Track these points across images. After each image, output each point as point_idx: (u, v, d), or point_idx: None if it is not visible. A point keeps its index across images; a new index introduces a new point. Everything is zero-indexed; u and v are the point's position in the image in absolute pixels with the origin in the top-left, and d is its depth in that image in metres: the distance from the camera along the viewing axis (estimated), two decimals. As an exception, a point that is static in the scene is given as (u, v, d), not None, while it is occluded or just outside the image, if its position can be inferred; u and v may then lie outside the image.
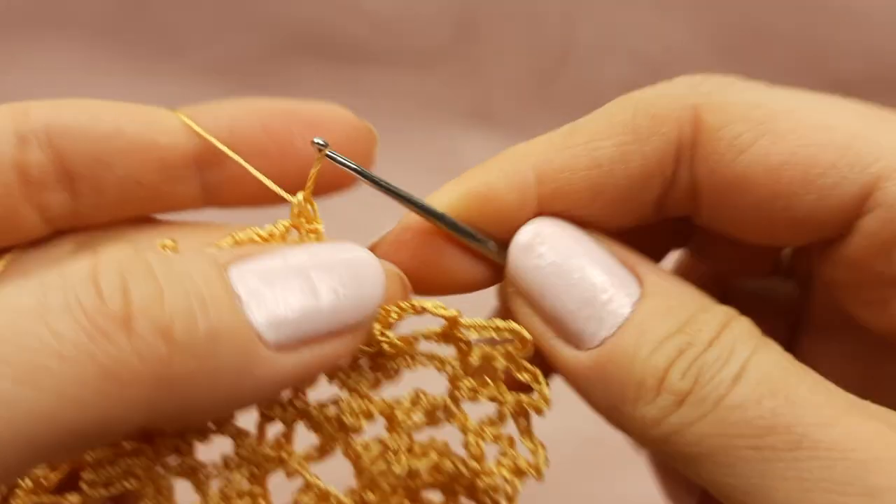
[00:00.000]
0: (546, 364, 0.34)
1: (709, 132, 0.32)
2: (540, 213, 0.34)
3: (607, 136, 0.33)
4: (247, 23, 0.93)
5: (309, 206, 0.34)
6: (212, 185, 0.38)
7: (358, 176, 0.34)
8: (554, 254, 0.33)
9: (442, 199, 0.34)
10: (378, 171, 0.37)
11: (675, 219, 0.36)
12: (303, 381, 0.31)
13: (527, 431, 0.35)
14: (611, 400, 0.31)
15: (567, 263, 0.33)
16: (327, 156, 0.33)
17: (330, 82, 0.94)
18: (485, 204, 0.34)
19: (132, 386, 0.25)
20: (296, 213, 0.34)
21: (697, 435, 0.29)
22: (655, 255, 0.39)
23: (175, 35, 0.92)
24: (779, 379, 0.30)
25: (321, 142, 0.33)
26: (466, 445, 0.35)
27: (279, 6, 0.92)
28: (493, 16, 0.92)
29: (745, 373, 0.30)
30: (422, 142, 0.91)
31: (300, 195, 0.34)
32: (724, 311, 0.32)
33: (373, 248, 0.35)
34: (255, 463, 0.34)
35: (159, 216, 0.39)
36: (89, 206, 0.37)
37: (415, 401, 0.35)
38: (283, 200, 0.36)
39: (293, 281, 0.29)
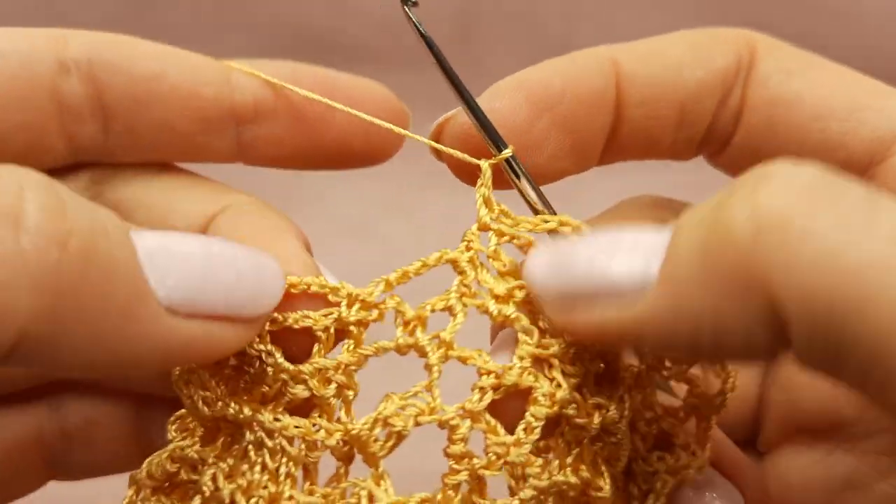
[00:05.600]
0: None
1: (764, 57, 0.35)
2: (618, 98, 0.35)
3: (679, 42, 0.36)
4: (247, 23, 0.93)
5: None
6: (246, 142, 0.37)
7: (425, 45, 0.35)
8: (566, 244, 0.30)
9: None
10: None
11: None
12: (188, 358, 0.30)
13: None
14: (727, 283, 0.24)
15: (581, 243, 0.30)
16: (406, 10, 0.34)
17: (330, 82, 0.94)
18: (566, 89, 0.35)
19: (9, 287, 0.23)
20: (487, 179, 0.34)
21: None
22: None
23: (175, 35, 0.92)
24: None
25: None
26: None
27: (279, 6, 0.92)
28: (492, 16, 0.92)
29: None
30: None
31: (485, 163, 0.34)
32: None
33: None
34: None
35: (184, 165, 0.38)
36: (119, 145, 0.36)
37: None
38: (308, 166, 0.37)
39: (195, 253, 0.29)
